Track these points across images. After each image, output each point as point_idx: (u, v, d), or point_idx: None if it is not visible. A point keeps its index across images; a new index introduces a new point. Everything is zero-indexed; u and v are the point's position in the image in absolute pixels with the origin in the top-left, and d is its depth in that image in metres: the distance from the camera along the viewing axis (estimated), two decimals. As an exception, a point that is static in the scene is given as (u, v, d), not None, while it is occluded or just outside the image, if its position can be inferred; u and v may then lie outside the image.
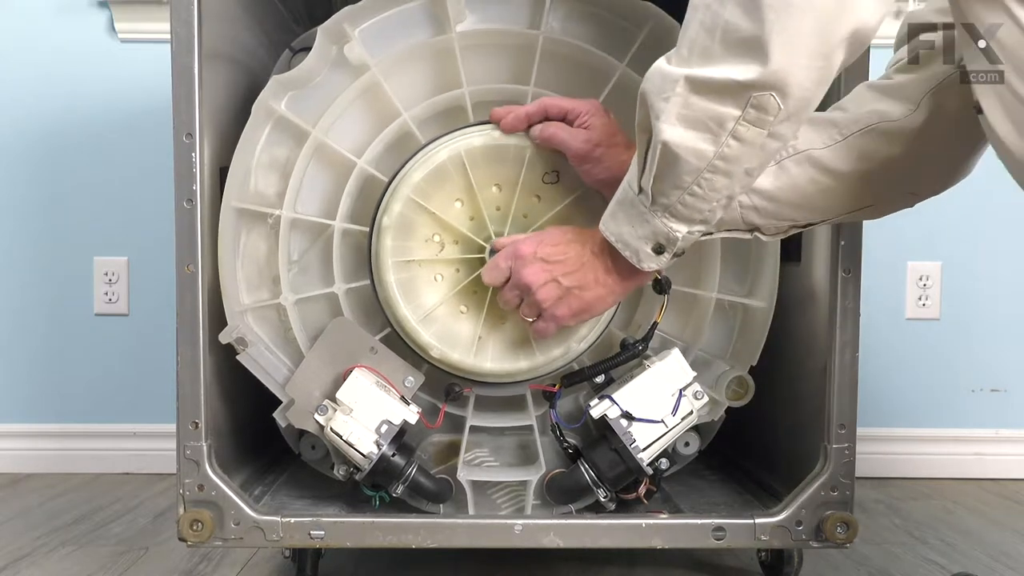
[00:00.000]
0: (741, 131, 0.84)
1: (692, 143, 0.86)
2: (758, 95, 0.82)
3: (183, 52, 1.05)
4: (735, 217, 1.02)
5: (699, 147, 0.86)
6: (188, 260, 1.07)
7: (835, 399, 1.11)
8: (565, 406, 1.22)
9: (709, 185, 0.89)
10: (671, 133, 0.86)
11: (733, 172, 0.88)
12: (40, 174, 1.92)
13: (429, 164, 1.12)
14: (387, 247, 1.12)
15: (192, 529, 1.08)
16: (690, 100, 0.85)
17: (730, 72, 0.82)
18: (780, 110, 0.82)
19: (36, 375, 1.95)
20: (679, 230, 0.93)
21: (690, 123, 0.85)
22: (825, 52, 0.80)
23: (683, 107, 0.85)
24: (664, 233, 0.93)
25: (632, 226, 0.95)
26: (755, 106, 0.83)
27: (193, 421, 1.08)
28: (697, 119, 0.85)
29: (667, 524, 1.11)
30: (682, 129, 0.86)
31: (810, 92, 0.83)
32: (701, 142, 0.86)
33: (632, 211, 0.95)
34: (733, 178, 0.88)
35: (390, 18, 1.16)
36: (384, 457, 1.09)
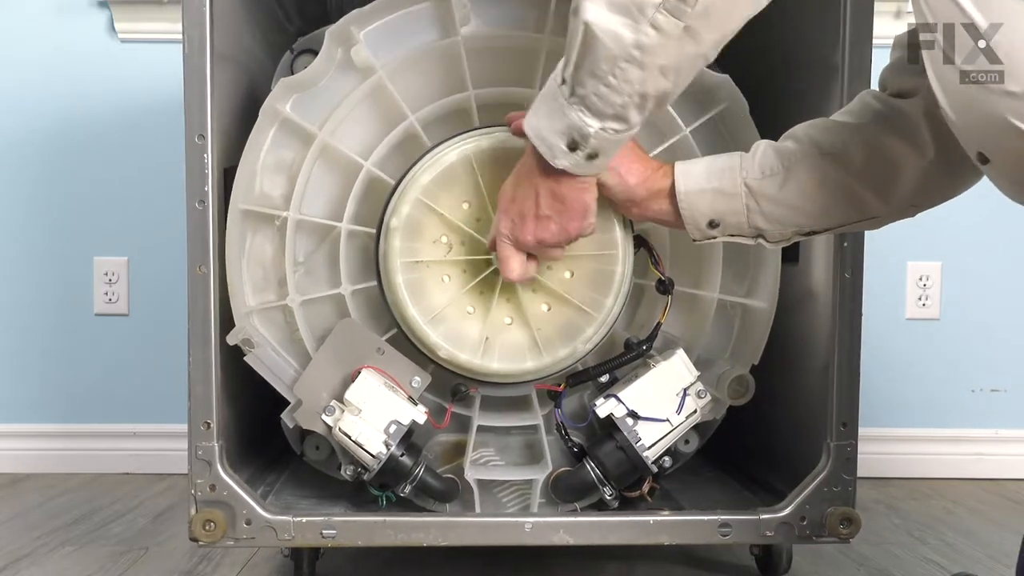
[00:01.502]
0: (660, 19, 0.83)
1: (612, 26, 0.85)
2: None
3: (195, 53, 1.05)
4: (741, 221, 1.03)
5: (618, 31, 0.85)
6: (200, 261, 1.08)
7: (837, 397, 1.12)
8: (570, 405, 1.23)
9: (623, 76, 0.87)
10: (594, 13, 0.85)
11: (647, 65, 0.86)
12: (40, 174, 1.93)
13: (438, 166, 1.12)
14: (395, 248, 1.12)
15: (205, 529, 1.08)
16: None
17: None
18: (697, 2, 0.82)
19: (36, 375, 1.95)
20: (591, 124, 0.91)
21: (613, 5, 0.84)
22: None
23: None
24: (578, 127, 0.92)
25: (550, 120, 0.94)
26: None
27: (205, 421, 1.08)
28: (618, 3, 0.84)
29: (674, 521, 1.12)
30: (605, 10, 0.85)
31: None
32: (621, 27, 0.84)
33: (552, 104, 0.93)
34: (647, 71, 0.87)
35: (396, 21, 1.17)
36: (393, 457, 1.10)
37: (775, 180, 1.01)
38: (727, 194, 1.03)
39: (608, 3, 0.85)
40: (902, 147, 0.99)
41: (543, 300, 1.16)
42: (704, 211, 1.04)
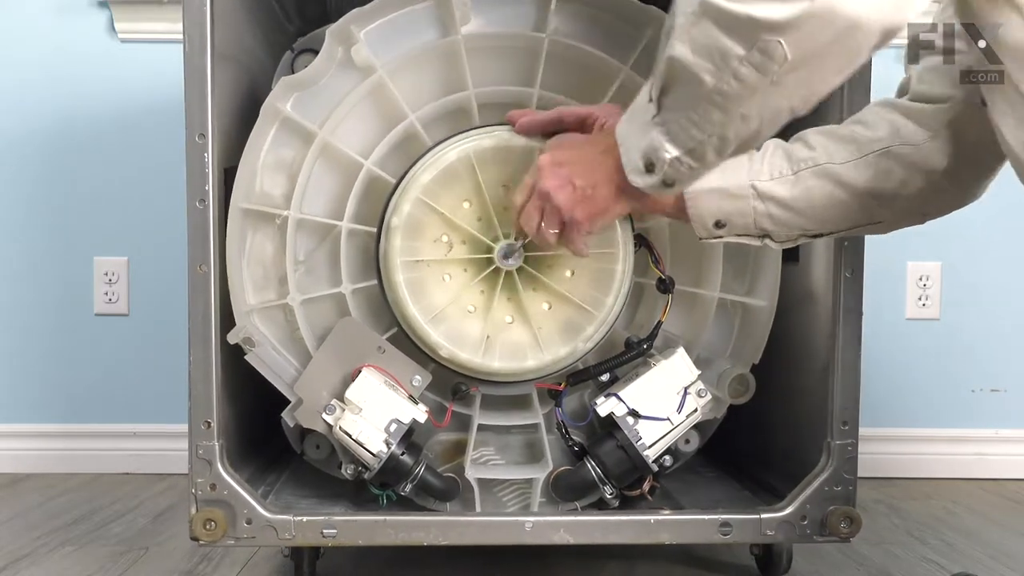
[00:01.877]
0: (743, 71, 0.80)
1: (695, 69, 0.83)
2: (766, 38, 0.77)
3: (196, 53, 1.05)
4: (747, 223, 1.03)
5: (700, 75, 0.83)
6: (201, 260, 1.08)
7: (838, 396, 1.12)
8: (570, 404, 1.23)
9: (705, 115, 0.86)
10: (679, 50, 0.83)
11: (730, 111, 0.84)
12: (40, 174, 1.92)
13: (438, 165, 1.12)
14: (396, 247, 1.12)
15: (205, 528, 1.08)
16: (702, 24, 0.81)
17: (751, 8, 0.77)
18: (786, 60, 0.78)
19: (36, 375, 1.94)
20: (670, 151, 0.90)
21: (698, 48, 0.82)
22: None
23: (694, 29, 0.82)
24: (656, 148, 0.91)
25: (635, 133, 0.94)
26: (761, 50, 0.78)
27: (205, 421, 1.08)
28: (704, 46, 0.81)
29: (674, 520, 1.12)
30: (689, 52, 0.83)
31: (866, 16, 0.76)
32: (703, 71, 0.82)
33: (640, 118, 0.93)
34: (729, 116, 0.84)
35: (396, 20, 1.17)
36: (393, 456, 1.10)
37: (784, 184, 1.01)
38: (734, 195, 1.02)
39: (693, 44, 0.82)
40: (915, 161, 0.99)
41: (544, 299, 1.16)
42: (711, 211, 1.04)
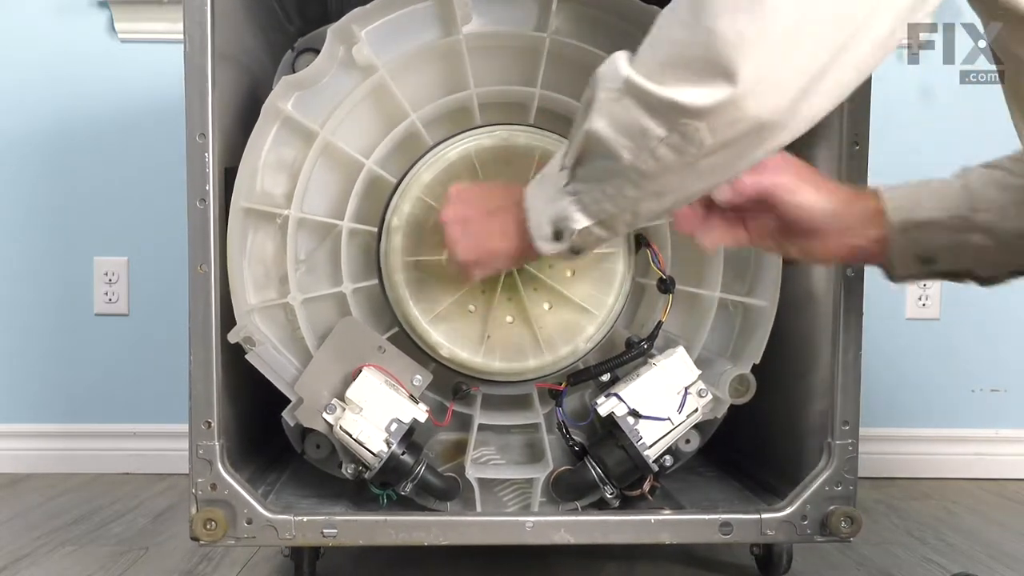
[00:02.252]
0: (661, 151, 0.78)
1: (613, 145, 0.81)
2: (686, 122, 0.75)
3: (196, 53, 1.05)
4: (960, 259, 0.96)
5: (618, 151, 0.81)
6: (201, 260, 1.07)
7: (839, 396, 1.12)
8: (571, 404, 1.22)
9: (619, 190, 0.84)
10: (598, 125, 0.81)
11: (644, 188, 0.82)
12: (40, 174, 1.93)
13: (439, 164, 1.13)
14: (397, 247, 1.12)
15: (206, 528, 1.08)
16: (624, 101, 0.79)
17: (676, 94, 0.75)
18: (703, 145, 0.76)
19: (36, 375, 1.94)
20: (579, 220, 0.88)
21: (618, 125, 0.80)
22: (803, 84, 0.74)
23: (615, 106, 0.80)
24: (564, 218, 0.89)
25: (545, 200, 0.91)
26: (681, 133, 0.76)
27: (206, 420, 1.08)
28: (624, 124, 0.79)
29: (675, 520, 1.12)
30: (609, 127, 0.80)
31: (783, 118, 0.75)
32: (621, 148, 0.80)
33: (551, 186, 0.90)
34: (643, 193, 0.83)
35: (398, 20, 1.17)
36: (394, 455, 1.10)
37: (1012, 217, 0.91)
38: (954, 228, 0.93)
39: (613, 120, 0.80)
40: None
41: (544, 299, 1.16)
42: (924, 245, 0.95)
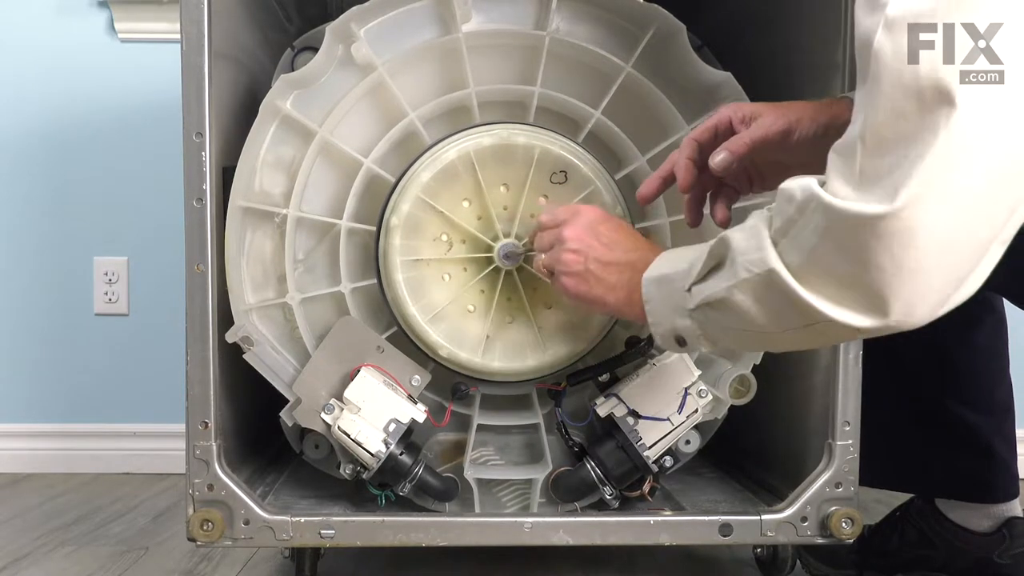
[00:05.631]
0: (807, 332, 0.80)
1: (756, 316, 0.82)
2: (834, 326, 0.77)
3: (193, 51, 1.05)
4: None
5: (760, 321, 0.82)
6: (198, 260, 1.07)
7: (840, 397, 1.11)
8: (570, 404, 1.22)
9: (746, 341, 0.89)
10: (740, 299, 0.82)
11: (778, 344, 0.87)
12: (40, 174, 1.93)
13: (438, 163, 1.12)
14: (395, 246, 1.12)
15: (203, 529, 1.07)
16: (771, 293, 0.80)
17: (827, 309, 0.76)
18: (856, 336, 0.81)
19: (36, 375, 1.95)
20: (702, 343, 0.91)
21: (762, 303, 0.81)
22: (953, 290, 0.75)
23: (762, 291, 0.81)
24: (691, 337, 0.91)
25: (668, 309, 0.92)
26: (827, 328, 0.78)
27: (203, 421, 1.08)
28: (769, 304, 0.81)
29: (675, 521, 1.12)
30: (750, 302, 0.82)
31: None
32: (761, 318, 0.82)
33: (675, 297, 0.91)
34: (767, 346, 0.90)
35: (396, 18, 1.16)
36: (392, 456, 1.10)
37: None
38: None
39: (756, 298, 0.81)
40: None
41: (544, 298, 1.16)
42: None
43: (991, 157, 0.71)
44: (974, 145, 0.71)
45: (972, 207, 0.72)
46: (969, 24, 0.73)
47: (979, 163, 0.71)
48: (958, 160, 0.71)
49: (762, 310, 0.81)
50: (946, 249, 0.73)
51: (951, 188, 0.71)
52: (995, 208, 0.73)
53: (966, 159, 0.71)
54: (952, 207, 0.72)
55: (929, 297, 0.74)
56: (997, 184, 0.72)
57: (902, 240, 0.72)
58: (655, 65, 1.19)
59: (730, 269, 0.83)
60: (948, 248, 0.73)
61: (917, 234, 0.72)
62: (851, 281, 0.75)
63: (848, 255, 0.74)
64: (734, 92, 1.18)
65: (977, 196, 0.72)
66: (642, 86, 1.18)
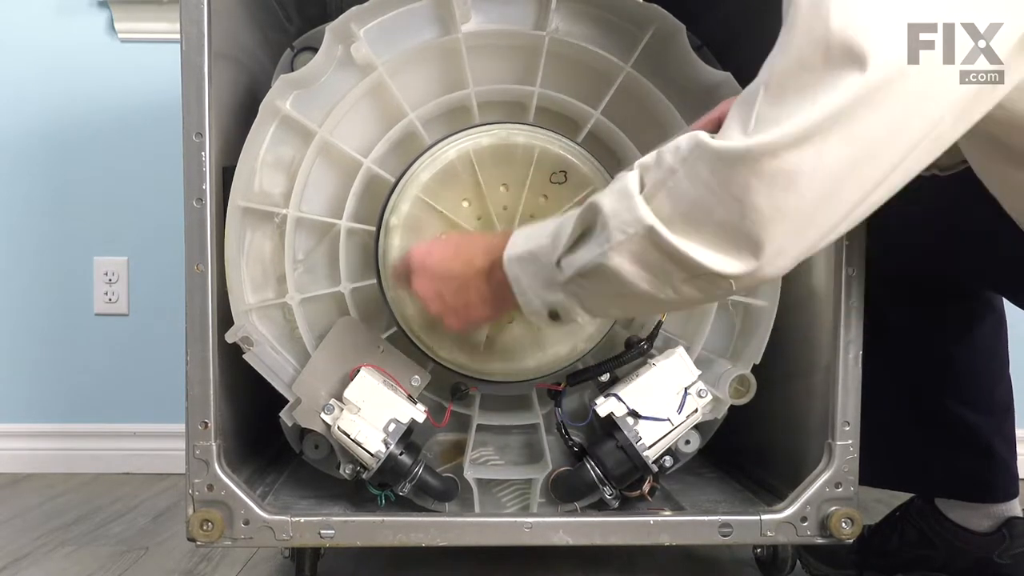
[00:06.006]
0: (685, 290, 0.81)
1: (633, 278, 0.82)
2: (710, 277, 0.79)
3: (193, 51, 1.05)
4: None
5: (638, 283, 0.82)
6: (198, 260, 1.07)
7: (840, 397, 1.11)
8: (570, 405, 1.22)
9: (627, 305, 0.88)
10: (616, 262, 0.82)
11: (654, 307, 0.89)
12: (40, 174, 1.93)
13: (437, 163, 1.12)
14: (395, 246, 1.12)
15: (202, 529, 1.07)
16: (647, 250, 0.80)
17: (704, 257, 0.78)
18: (728, 291, 0.81)
19: (36, 375, 1.95)
20: (580, 314, 0.90)
21: (640, 263, 0.81)
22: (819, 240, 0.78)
23: (639, 250, 0.81)
24: (565, 309, 0.90)
25: (538, 285, 0.91)
26: (705, 281, 0.80)
27: (203, 421, 1.08)
28: (648, 264, 0.81)
29: (675, 521, 1.12)
30: (629, 264, 0.81)
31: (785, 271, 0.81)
32: (643, 281, 0.82)
33: (543, 273, 0.90)
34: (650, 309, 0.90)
35: (396, 18, 1.16)
36: (392, 456, 1.10)
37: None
38: None
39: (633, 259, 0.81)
40: None
41: (543, 298, 1.16)
42: None
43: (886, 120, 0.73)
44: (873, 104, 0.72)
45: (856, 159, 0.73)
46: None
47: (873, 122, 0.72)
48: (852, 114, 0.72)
49: (640, 271, 0.81)
50: (824, 199, 0.74)
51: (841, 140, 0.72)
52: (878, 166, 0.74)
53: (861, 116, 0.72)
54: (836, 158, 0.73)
55: (799, 244, 0.77)
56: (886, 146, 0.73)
57: (781, 180, 0.73)
58: (655, 65, 1.19)
59: (602, 234, 0.82)
60: (825, 195, 0.74)
61: (798, 177, 0.73)
62: (729, 225, 0.76)
63: (727, 196, 0.75)
64: (734, 92, 1.18)
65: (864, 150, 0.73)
66: (642, 86, 1.18)
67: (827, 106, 0.72)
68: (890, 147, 0.74)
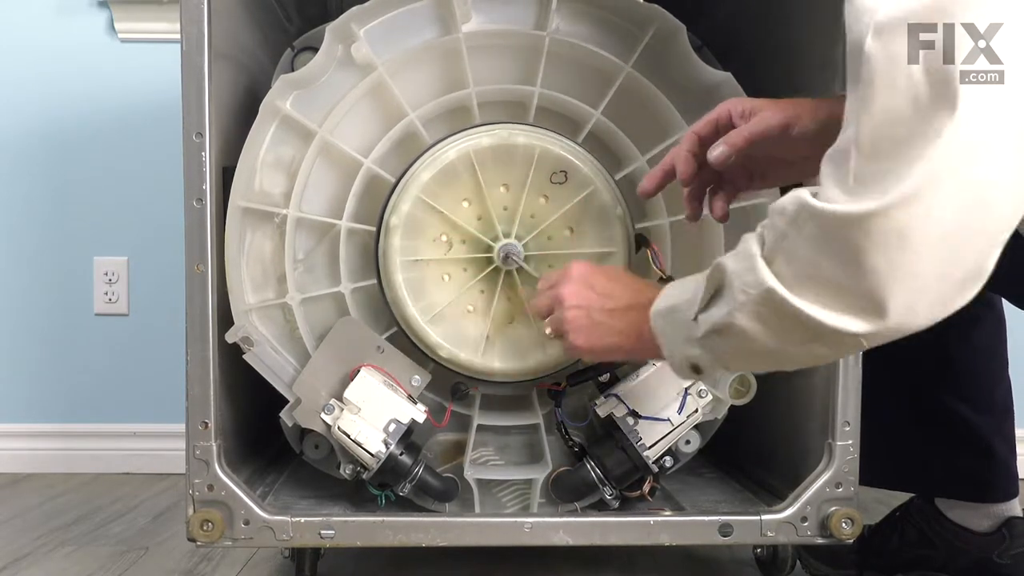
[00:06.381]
0: (813, 347, 0.79)
1: (760, 336, 0.81)
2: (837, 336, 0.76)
3: (193, 51, 1.05)
4: None
5: (766, 342, 0.81)
6: (198, 260, 1.07)
7: (840, 397, 1.11)
8: (570, 405, 1.22)
9: (759, 362, 0.88)
10: (743, 323, 0.81)
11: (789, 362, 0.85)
12: (40, 174, 1.93)
13: (438, 164, 1.12)
14: (395, 246, 1.12)
15: (203, 529, 1.07)
16: (770, 312, 0.78)
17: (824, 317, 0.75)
18: (862, 346, 0.78)
19: (36, 375, 1.95)
20: (717, 369, 0.90)
21: (763, 323, 0.79)
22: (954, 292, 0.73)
23: (762, 311, 0.79)
24: (705, 365, 0.89)
25: (679, 340, 0.90)
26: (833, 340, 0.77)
27: (203, 421, 1.08)
28: (771, 323, 0.79)
29: (675, 521, 1.12)
30: (754, 323, 0.80)
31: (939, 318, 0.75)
32: (770, 340, 0.81)
33: (683, 327, 0.89)
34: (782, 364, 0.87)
35: (396, 18, 1.16)
36: (392, 456, 1.10)
37: None
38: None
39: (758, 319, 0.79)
40: None
41: (544, 299, 1.16)
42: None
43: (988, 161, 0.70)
44: (972, 147, 0.70)
45: (969, 208, 0.71)
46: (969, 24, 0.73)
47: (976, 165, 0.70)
48: (954, 162, 0.70)
49: (765, 330, 0.80)
50: (942, 250, 0.72)
51: (948, 190, 0.70)
52: (993, 210, 0.72)
53: (963, 161, 0.70)
54: (949, 208, 0.71)
55: (927, 298, 0.73)
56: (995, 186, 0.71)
57: (895, 240, 0.71)
58: (655, 65, 1.19)
59: (728, 294, 0.82)
60: (944, 249, 0.72)
61: (910, 234, 0.71)
62: (847, 287, 0.74)
63: (842, 259, 0.73)
64: (734, 92, 1.18)
65: (974, 197, 0.71)
66: (642, 86, 1.18)
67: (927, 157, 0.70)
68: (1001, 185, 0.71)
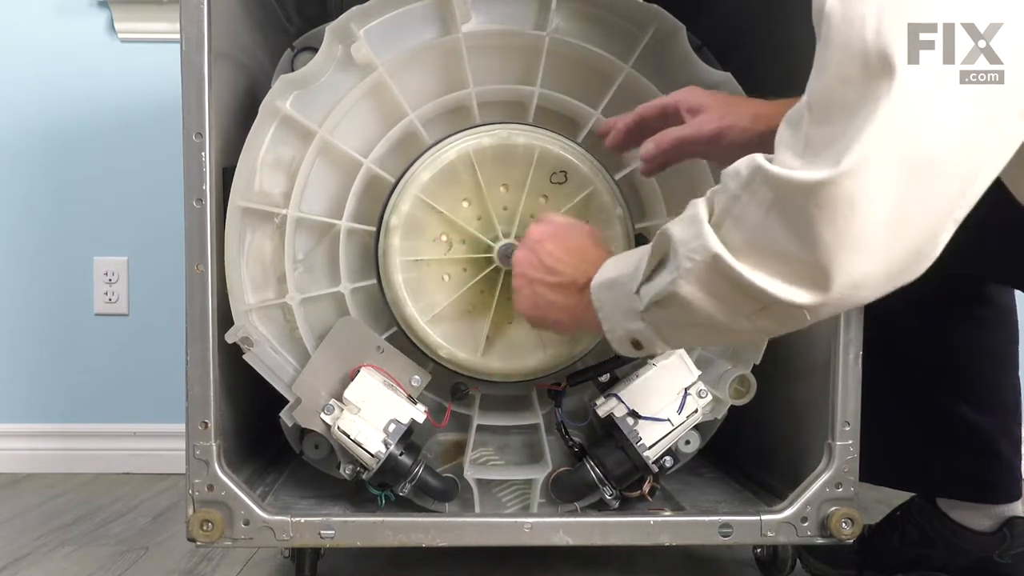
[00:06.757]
0: (758, 320, 0.78)
1: (704, 306, 0.80)
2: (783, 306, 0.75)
3: (193, 51, 1.05)
4: None
5: (710, 312, 0.80)
6: (198, 260, 1.07)
7: (840, 397, 1.11)
8: (570, 405, 1.22)
9: (702, 335, 0.88)
10: (687, 291, 0.80)
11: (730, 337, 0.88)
12: (40, 174, 1.93)
13: (438, 164, 1.12)
14: (395, 246, 1.12)
15: (202, 529, 1.07)
16: (716, 279, 0.77)
17: (771, 286, 0.75)
18: (806, 319, 0.77)
19: (36, 375, 1.95)
20: (659, 345, 0.89)
21: (709, 292, 0.79)
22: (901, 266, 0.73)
23: (707, 278, 0.78)
24: (645, 339, 0.88)
25: (620, 314, 0.90)
26: (779, 310, 0.76)
27: (203, 421, 1.08)
28: (717, 292, 0.78)
29: (675, 521, 1.12)
30: (699, 292, 0.79)
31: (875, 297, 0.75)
32: (714, 310, 0.79)
33: (625, 301, 0.89)
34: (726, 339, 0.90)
35: (396, 18, 1.16)
36: (392, 456, 1.09)
37: None
38: None
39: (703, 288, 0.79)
40: None
41: (543, 299, 1.16)
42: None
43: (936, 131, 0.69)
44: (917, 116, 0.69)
45: (917, 179, 0.70)
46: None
47: (923, 135, 0.69)
48: (900, 130, 0.69)
49: (710, 300, 0.79)
50: (890, 222, 0.70)
51: (893, 158, 0.69)
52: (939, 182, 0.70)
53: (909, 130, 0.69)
54: (895, 178, 0.69)
55: (873, 271, 0.73)
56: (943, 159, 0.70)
57: (843, 210, 0.70)
58: (655, 65, 1.19)
59: (673, 262, 0.81)
60: (892, 221, 0.70)
61: (858, 204, 0.70)
62: (794, 255, 0.73)
63: (792, 227, 0.72)
64: (734, 92, 1.18)
65: (923, 168, 0.70)
66: (642, 86, 1.18)
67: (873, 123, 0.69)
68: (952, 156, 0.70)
